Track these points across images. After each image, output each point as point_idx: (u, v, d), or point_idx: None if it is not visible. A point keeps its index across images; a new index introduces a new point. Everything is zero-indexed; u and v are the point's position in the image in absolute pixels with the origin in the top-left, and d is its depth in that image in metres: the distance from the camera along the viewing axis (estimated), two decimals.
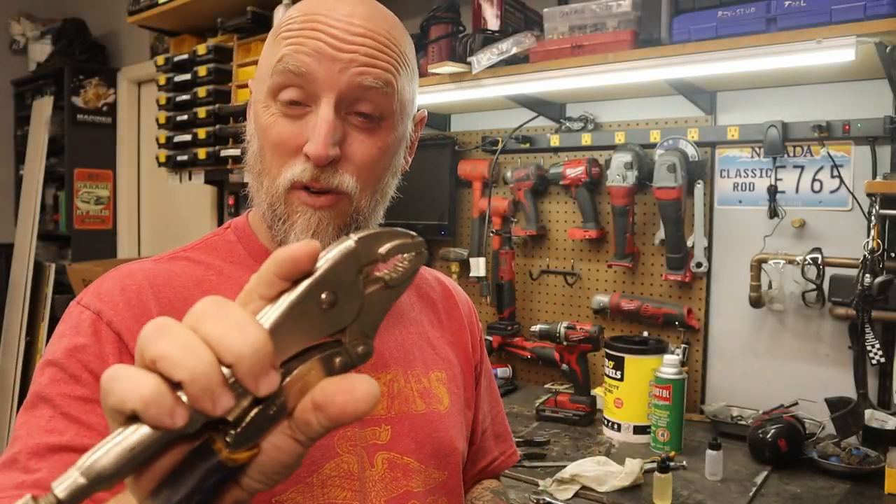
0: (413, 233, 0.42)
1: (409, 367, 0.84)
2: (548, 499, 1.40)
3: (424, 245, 0.43)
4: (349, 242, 0.39)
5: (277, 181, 0.73)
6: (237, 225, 0.84)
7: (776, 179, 1.85)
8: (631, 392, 1.73)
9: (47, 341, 0.84)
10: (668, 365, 1.64)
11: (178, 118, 2.85)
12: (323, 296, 0.38)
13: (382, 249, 0.40)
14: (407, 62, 0.77)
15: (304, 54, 0.71)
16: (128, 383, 0.35)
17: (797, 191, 1.84)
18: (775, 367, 1.89)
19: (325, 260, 0.39)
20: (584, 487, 1.43)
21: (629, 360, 1.74)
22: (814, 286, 1.72)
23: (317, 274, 0.38)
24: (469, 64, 1.92)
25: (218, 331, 0.36)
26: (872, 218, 1.59)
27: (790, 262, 1.76)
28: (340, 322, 0.39)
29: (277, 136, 0.73)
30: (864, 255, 1.58)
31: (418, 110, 0.86)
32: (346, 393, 0.38)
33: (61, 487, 0.34)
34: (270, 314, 0.37)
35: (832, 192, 1.79)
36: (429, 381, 0.85)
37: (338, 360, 0.40)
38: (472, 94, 2.03)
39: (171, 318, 0.38)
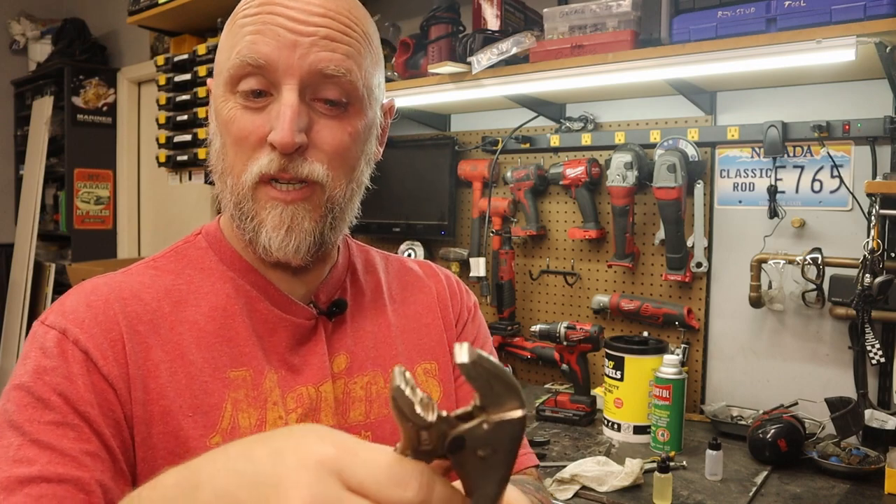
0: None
1: (389, 364, 0.80)
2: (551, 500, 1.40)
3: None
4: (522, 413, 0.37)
5: (243, 177, 0.70)
6: (208, 230, 0.80)
7: (776, 179, 1.85)
8: (631, 392, 1.73)
9: None
10: (668, 365, 1.64)
11: (178, 118, 2.86)
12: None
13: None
14: (370, 44, 0.74)
15: (261, 44, 0.67)
16: None
17: (797, 191, 1.84)
18: (775, 367, 1.89)
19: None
20: (584, 487, 1.43)
21: (629, 360, 1.74)
22: (814, 286, 1.72)
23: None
24: (469, 64, 1.92)
25: None
26: (872, 218, 1.59)
27: (790, 262, 1.76)
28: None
29: (239, 130, 0.69)
30: (864, 255, 1.58)
31: (387, 100, 0.82)
32: None
33: None
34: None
35: (832, 192, 1.79)
36: (414, 376, 0.81)
37: None
38: (472, 94, 2.03)
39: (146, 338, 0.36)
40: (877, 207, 1.58)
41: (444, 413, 0.37)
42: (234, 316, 0.74)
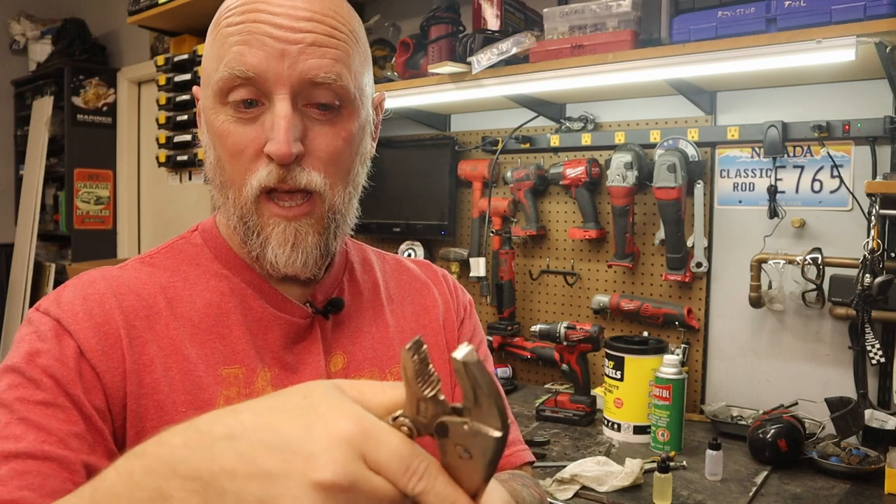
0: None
1: (387, 365, 0.80)
2: (548, 499, 1.40)
3: None
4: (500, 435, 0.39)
5: (244, 191, 0.69)
6: (204, 227, 0.80)
7: (776, 179, 1.85)
8: (631, 392, 1.73)
9: None
10: (668, 365, 1.64)
11: (178, 118, 2.86)
12: None
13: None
14: (358, 41, 0.73)
15: (249, 55, 0.66)
16: None
17: (797, 191, 1.84)
18: (775, 367, 1.89)
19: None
20: (584, 487, 1.43)
21: (629, 360, 1.74)
22: (814, 286, 1.72)
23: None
24: (469, 64, 1.92)
25: None
26: (872, 218, 1.59)
27: (790, 262, 1.76)
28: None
29: (235, 144, 0.69)
30: (864, 255, 1.58)
31: (377, 94, 0.82)
32: None
33: None
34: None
35: (832, 192, 1.79)
36: None
37: None
38: (472, 94, 2.03)
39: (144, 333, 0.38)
40: (877, 207, 1.58)
41: (442, 396, 0.40)
42: (227, 313, 0.74)
